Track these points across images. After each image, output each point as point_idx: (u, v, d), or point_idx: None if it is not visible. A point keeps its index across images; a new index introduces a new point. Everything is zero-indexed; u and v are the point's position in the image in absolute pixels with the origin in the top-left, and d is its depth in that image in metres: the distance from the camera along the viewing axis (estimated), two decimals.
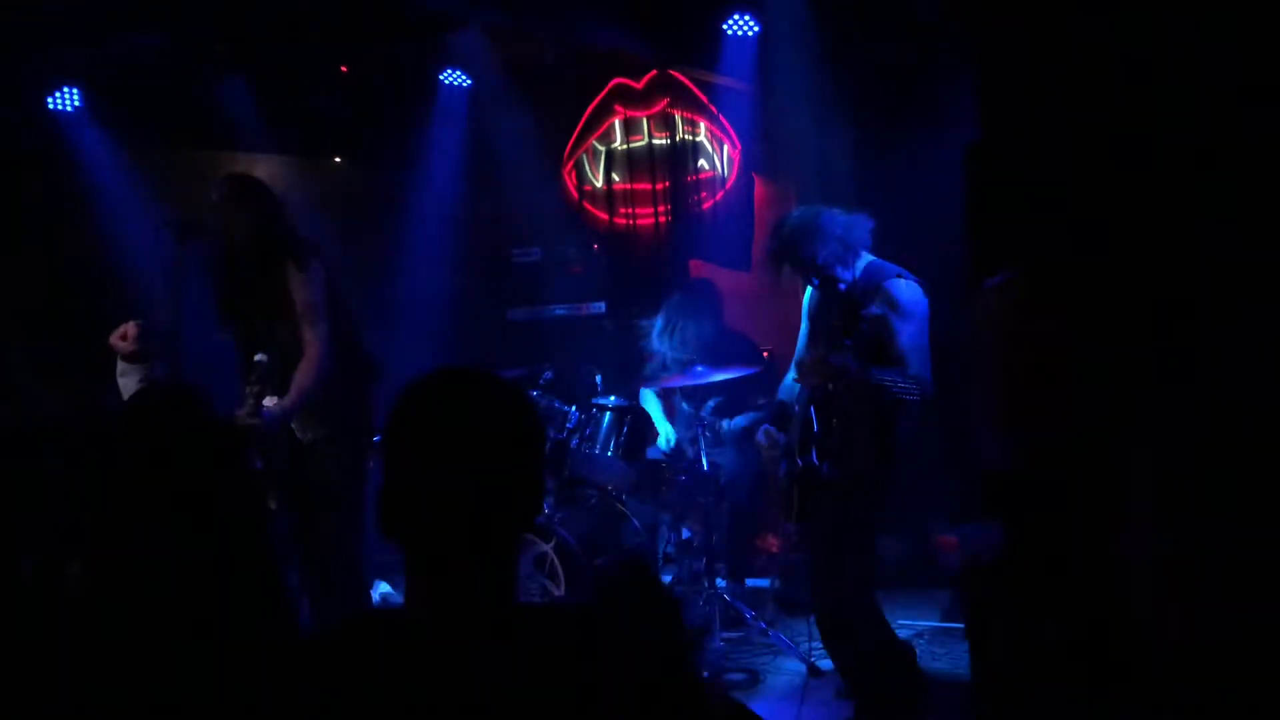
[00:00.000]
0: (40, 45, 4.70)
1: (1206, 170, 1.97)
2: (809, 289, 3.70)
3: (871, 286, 3.37)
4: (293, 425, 3.59)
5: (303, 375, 3.54)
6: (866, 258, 3.47)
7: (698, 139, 6.14)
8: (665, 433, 5.09)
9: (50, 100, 5.14)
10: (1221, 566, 1.54)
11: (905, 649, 3.52)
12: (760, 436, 3.63)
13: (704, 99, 6.05)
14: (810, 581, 3.66)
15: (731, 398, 5.18)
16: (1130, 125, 2.11)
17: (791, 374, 3.77)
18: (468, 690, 1.25)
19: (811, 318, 3.71)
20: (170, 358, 3.56)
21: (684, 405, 5.14)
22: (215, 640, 1.50)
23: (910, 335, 3.32)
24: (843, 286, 3.46)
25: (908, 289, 3.35)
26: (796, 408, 3.48)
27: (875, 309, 3.26)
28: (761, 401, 4.94)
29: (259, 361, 3.46)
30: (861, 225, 3.46)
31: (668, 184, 6.18)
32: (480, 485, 1.34)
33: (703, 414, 4.85)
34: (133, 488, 1.58)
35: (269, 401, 3.49)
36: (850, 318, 3.29)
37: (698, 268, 6.16)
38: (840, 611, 3.38)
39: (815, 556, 3.54)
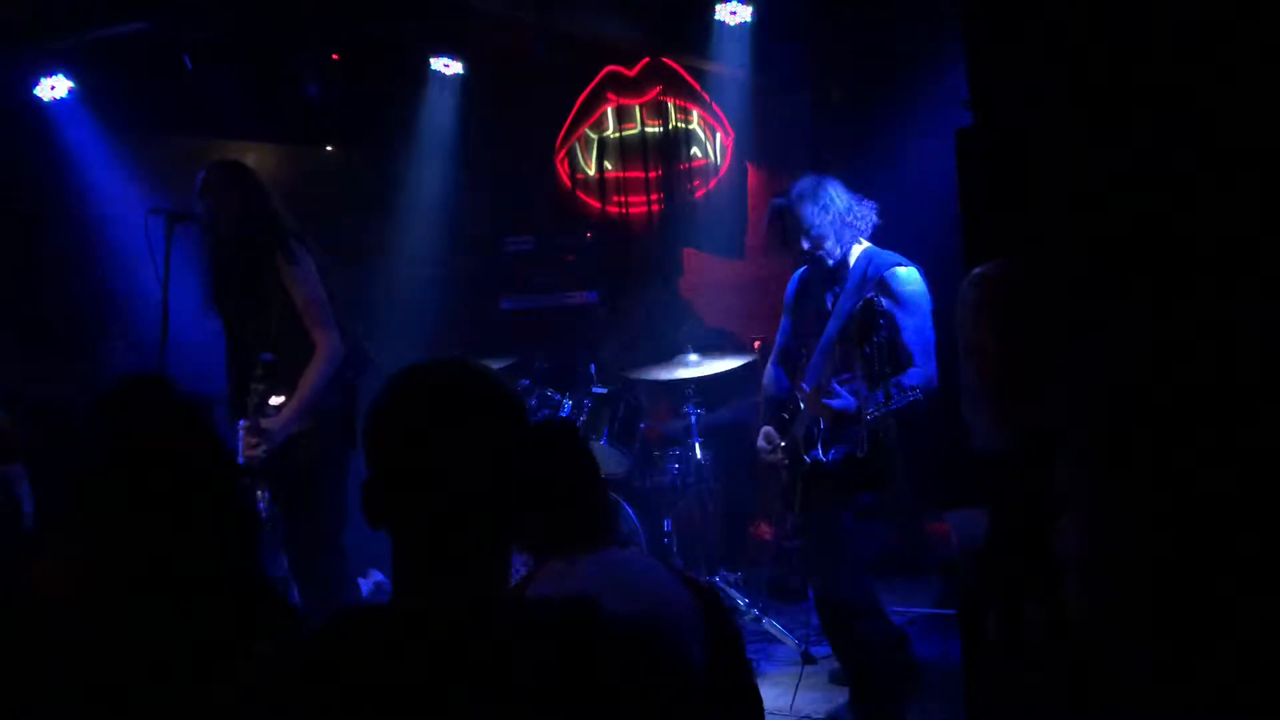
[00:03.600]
0: (27, 32, 4.67)
1: (1211, 159, 1.97)
2: (792, 280, 3.71)
3: (871, 277, 3.36)
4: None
5: (312, 375, 3.54)
6: (863, 245, 3.47)
7: (690, 127, 6.13)
8: None
9: (38, 88, 5.11)
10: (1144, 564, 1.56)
11: (899, 636, 3.54)
12: (761, 441, 3.63)
13: (696, 86, 6.04)
14: (811, 571, 3.68)
15: (720, 390, 5.18)
16: (1127, 110, 2.11)
17: (775, 368, 3.77)
18: (460, 681, 1.24)
19: (792, 310, 3.71)
20: (159, 347, 3.56)
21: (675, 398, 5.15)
22: (208, 632, 1.49)
23: (915, 329, 3.30)
24: (831, 263, 3.46)
25: (909, 279, 3.34)
26: (803, 405, 3.47)
27: (883, 301, 3.23)
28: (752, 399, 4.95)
29: (264, 360, 3.46)
30: (866, 211, 3.46)
31: (660, 172, 6.17)
32: (468, 476, 1.33)
33: (698, 409, 4.85)
34: (118, 478, 1.57)
35: (275, 400, 3.49)
36: (865, 319, 3.25)
37: (690, 256, 6.16)
38: (840, 600, 3.40)
39: (816, 546, 3.55)
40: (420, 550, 1.33)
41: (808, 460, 3.40)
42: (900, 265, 3.35)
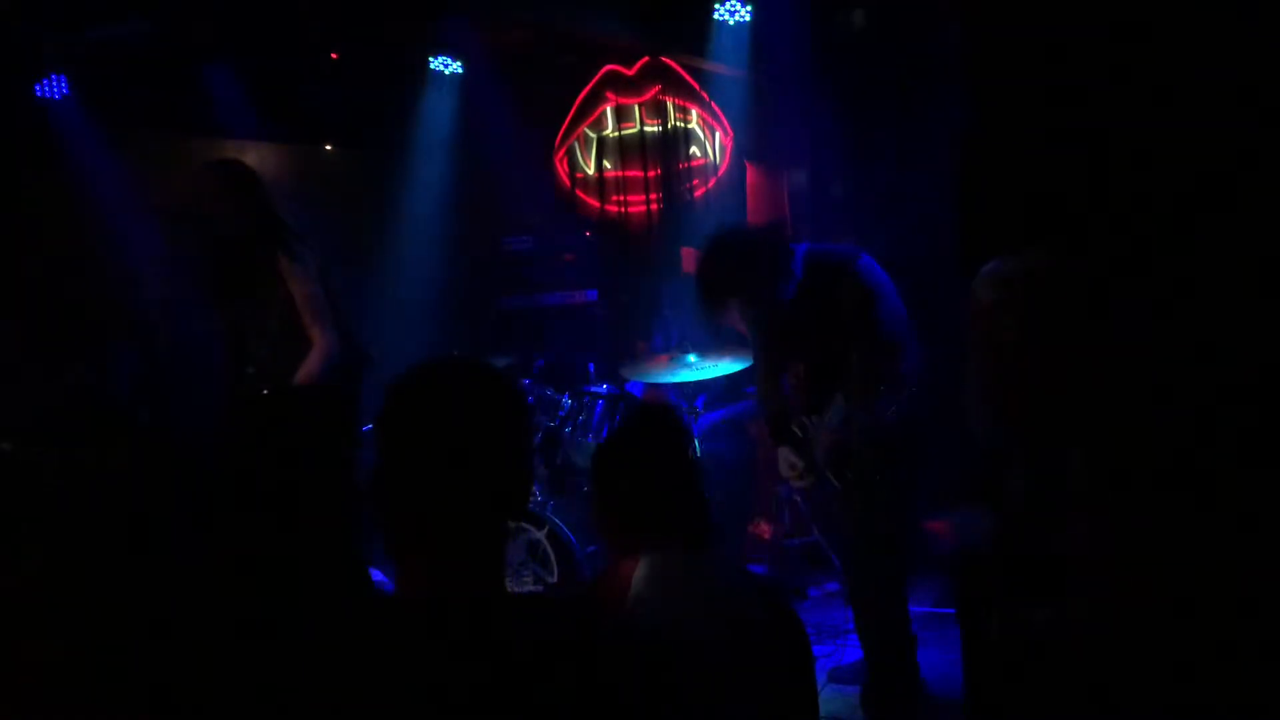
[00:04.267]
0: (27, 31, 4.67)
1: (1209, 164, 1.97)
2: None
3: (832, 277, 3.34)
4: None
5: (308, 371, 3.54)
6: (798, 252, 3.44)
7: (689, 126, 6.13)
8: None
9: (37, 87, 5.11)
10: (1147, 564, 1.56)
11: (912, 639, 3.56)
12: (784, 469, 3.63)
13: (695, 86, 6.04)
14: (848, 572, 3.71)
15: (719, 392, 5.18)
16: (1127, 110, 2.11)
17: (769, 384, 3.75)
18: (459, 673, 1.26)
19: (769, 329, 3.68)
20: (159, 347, 3.56)
21: (673, 396, 5.14)
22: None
23: (890, 311, 3.33)
24: (786, 296, 3.41)
25: (871, 267, 3.35)
26: (816, 437, 3.49)
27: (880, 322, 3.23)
28: (748, 390, 4.95)
29: (260, 357, 3.47)
30: (776, 243, 3.42)
31: (659, 171, 6.18)
32: (470, 472, 1.36)
33: (696, 406, 4.86)
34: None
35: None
36: (853, 315, 3.27)
37: (690, 255, 6.16)
38: (873, 599, 3.44)
39: (854, 546, 3.57)
40: (421, 544, 1.36)
41: (838, 484, 3.45)
42: (855, 257, 3.33)
